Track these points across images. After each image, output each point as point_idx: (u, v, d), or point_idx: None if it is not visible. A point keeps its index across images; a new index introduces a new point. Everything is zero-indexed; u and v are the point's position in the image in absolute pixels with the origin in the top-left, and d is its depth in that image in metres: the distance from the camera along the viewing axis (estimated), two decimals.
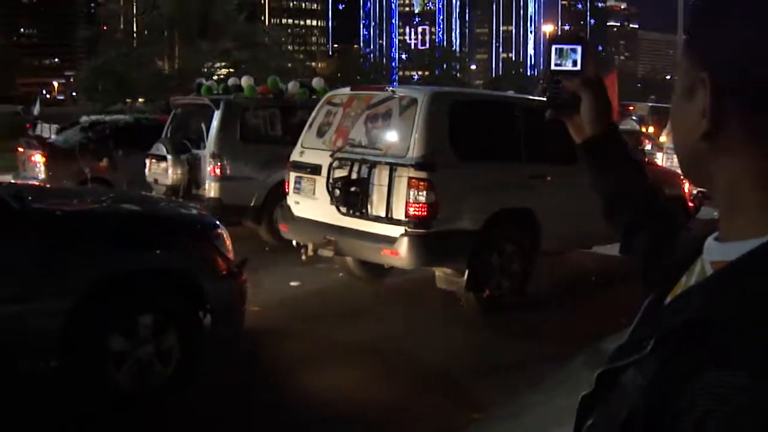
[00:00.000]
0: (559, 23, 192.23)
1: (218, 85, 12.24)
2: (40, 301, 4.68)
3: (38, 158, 13.12)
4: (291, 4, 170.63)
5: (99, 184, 12.38)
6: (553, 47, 1.45)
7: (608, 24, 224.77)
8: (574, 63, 1.44)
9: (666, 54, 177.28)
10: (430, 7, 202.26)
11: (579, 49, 1.44)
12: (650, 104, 25.93)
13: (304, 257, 8.01)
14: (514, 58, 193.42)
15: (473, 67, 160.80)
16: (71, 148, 12.91)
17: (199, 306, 5.41)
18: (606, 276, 9.55)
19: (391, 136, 7.58)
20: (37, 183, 12.36)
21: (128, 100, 37.35)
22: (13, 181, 13.09)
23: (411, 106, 7.43)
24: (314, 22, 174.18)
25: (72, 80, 73.09)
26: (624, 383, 0.89)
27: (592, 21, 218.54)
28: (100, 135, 13.55)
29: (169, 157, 10.76)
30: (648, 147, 17.04)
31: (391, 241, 7.13)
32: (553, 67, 1.45)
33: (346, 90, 8.83)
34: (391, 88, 8.07)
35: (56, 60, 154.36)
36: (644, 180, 1.47)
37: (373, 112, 7.83)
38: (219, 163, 10.23)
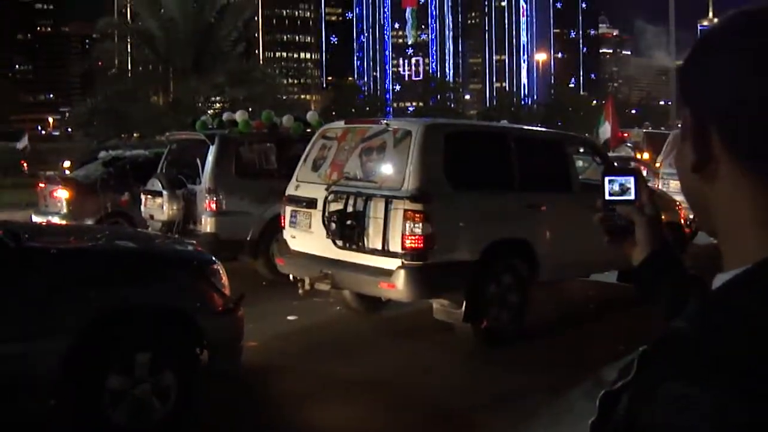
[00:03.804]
0: (552, 51, 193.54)
1: (213, 120, 12.28)
2: (37, 341, 4.66)
3: (61, 194, 13.14)
4: (285, 37, 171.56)
5: (121, 219, 12.44)
6: (606, 179, 1.57)
7: (601, 51, 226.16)
8: (627, 191, 1.55)
9: (659, 80, 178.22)
10: (423, 38, 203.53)
11: (632, 179, 1.56)
12: (644, 131, 25.97)
13: (301, 291, 7.98)
14: (507, 87, 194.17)
15: (467, 97, 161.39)
16: (93, 184, 12.99)
17: (196, 342, 5.39)
18: (605, 304, 9.55)
19: (386, 169, 7.59)
20: (59, 219, 12.41)
21: (123, 135, 37.48)
22: (34, 217, 13.14)
23: (405, 139, 7.45)
24: (308, 55, 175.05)
25: (67, 116, 73.31)
26: (620, 406, 0.90)
27: (585, 49, 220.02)
28: (120, 170, 13.64)
29: (164, 192, 10.77)
30: (643, 173, 17.10)
31: (388, 273, 7.11)
32: (607, 196, 1.57)
33: (341, 123, 8.85)
34: (385, 121, 8.10)
35: (51, 96, 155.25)
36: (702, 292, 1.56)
37: (368, 145, 7.85)
38: (215, 198, 10.23)
